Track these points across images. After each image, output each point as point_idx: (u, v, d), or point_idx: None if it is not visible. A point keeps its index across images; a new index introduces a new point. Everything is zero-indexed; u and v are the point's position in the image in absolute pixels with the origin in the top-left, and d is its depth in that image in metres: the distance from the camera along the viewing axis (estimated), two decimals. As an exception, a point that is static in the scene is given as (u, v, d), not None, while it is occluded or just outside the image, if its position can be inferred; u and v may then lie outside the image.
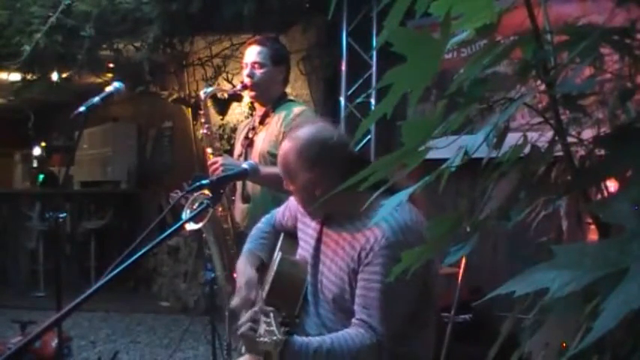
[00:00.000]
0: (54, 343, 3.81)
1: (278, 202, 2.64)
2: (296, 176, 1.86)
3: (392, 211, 1.71)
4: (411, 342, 1.83)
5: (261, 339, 1.58)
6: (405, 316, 1.76)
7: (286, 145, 1.88)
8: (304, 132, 1.88)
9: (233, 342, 3.12)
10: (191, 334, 4.97)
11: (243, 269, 2.03)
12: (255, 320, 1.66)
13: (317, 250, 1.93)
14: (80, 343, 5.07)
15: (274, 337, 1.56)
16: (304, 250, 2.00)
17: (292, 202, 2.13)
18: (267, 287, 1.95)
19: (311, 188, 1.83)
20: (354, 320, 1.74)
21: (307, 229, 2.01)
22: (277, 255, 2.02)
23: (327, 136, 1.86)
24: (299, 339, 1.68)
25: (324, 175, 1.81)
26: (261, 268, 2.06)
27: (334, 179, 1.77)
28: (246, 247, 2.16)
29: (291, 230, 2.12)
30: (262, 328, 1.61)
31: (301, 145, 1.84)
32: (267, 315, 1.65)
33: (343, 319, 1.80)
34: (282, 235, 2.15)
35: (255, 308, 1.73)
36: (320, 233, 1.94)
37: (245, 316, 1.71)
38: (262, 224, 2.23)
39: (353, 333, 1.71)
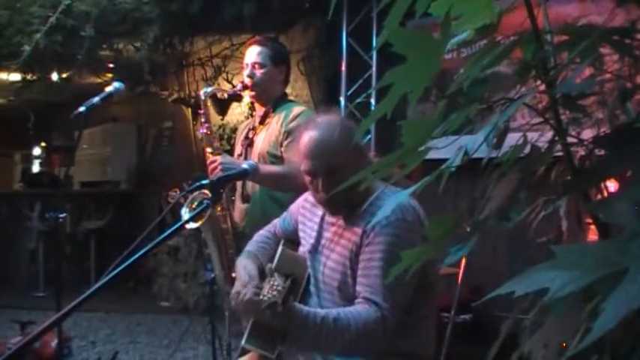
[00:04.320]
0: (54, 343, 3.81)
1: (277, 203, 2.65)
2: (335, 160, 1.82)
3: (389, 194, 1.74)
4: (410, 335, 1.84)
5: (266, 296, 1.62)
6: (406, 295, 1.77)
7: (317, 134, 1.85)
8: (330, 119, 1.90)
9: (233, 342, 3.12)
10: (191, 334, 4.97)
11: (243, 263, 2.06)
12: (258, 288, 1.72)
13: (318, 242, 1.97)
14: (80, 343, 5.06)
15: (279, 289, 1.61)
16: (305, 247, 2.02)
17: (292, 207, 2.17)
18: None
19: (347, 169, 1.78)
20: (357, 300, 1.77)
21: (306, 228, 2.04)
22: (278, 252, 2.04)
23: (344, 119, 1.93)
24: (305, 307, 1.73)
25: (359, 153, 1.85)
26: (260, 269, 2.07)
27: (364, 159, 1.83)
28: (246, 249, 2.18)
29: (292, 235, 2.14)
30: (266, 289, 1.66)
31: (339, 128, 1.85)
32: (269, 279, 1.70)
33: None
34: (282, 240, 2.17)
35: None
36: (320, 226, 1.97)
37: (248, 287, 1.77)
38: (264, 231, 2.25)
39: (359, 307, 1.74)
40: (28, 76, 5.59)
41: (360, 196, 1.83)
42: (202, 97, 2.87)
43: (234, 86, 3.30)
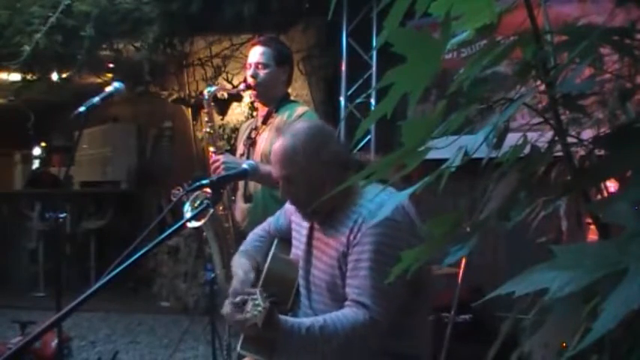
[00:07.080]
0: (54, 343, 3.81)
1: (279, 202, 2.65)
2: (301, 170, 1.84)
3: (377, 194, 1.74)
4: (404, 335, 1.84)
5: (248, 314, 1.63)
6: (397, 295, 1.76)
7: (286, 142, 1.86)
8: (302, 127, 1.90)
9: (233, 342, 3.12)
10: (191, 334, 4.97)
11: (238, 262, 2.07)
12: (243, 303, 1.71)
13: (309, 244, 1.96)
14: (80, 343, 5.06)
15: (259, 308, 1.61)
16: (297, 249, 2.03)
17: (287, 206, 2.16)
18: (259, 284, 1.98)
19: (318, 180, 1.82)
20: (346, 303, 1.76)
21: (300, 229, 2.04)
22: (270, 254, 2.05)
23: (324, 127, 1.93)
24: (290, 318, 1.73)
25: (330, 163, 1.82)
26: (255, 268, 2.08)
27: (338, 169, 1.81)
28: (241, 248, 2.20)
29: (286, 234, 2.14)
30: (249, 306, 1.66)
31: (305, 137, 1.85)
32: (252, 294, 1.69)
33: (336, 308, 1.81)
34: (276, 240, 2.17)
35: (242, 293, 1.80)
36: (311, 229, 1.97)
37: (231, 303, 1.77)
38: (258, 229, 2.26)
39: (346, 312, 1.73)
40: (28, 76, 5.58)
41: (340, 199, 1.82)
42: (206, 97, 2.88)
43: (234, 86, 3.30)
